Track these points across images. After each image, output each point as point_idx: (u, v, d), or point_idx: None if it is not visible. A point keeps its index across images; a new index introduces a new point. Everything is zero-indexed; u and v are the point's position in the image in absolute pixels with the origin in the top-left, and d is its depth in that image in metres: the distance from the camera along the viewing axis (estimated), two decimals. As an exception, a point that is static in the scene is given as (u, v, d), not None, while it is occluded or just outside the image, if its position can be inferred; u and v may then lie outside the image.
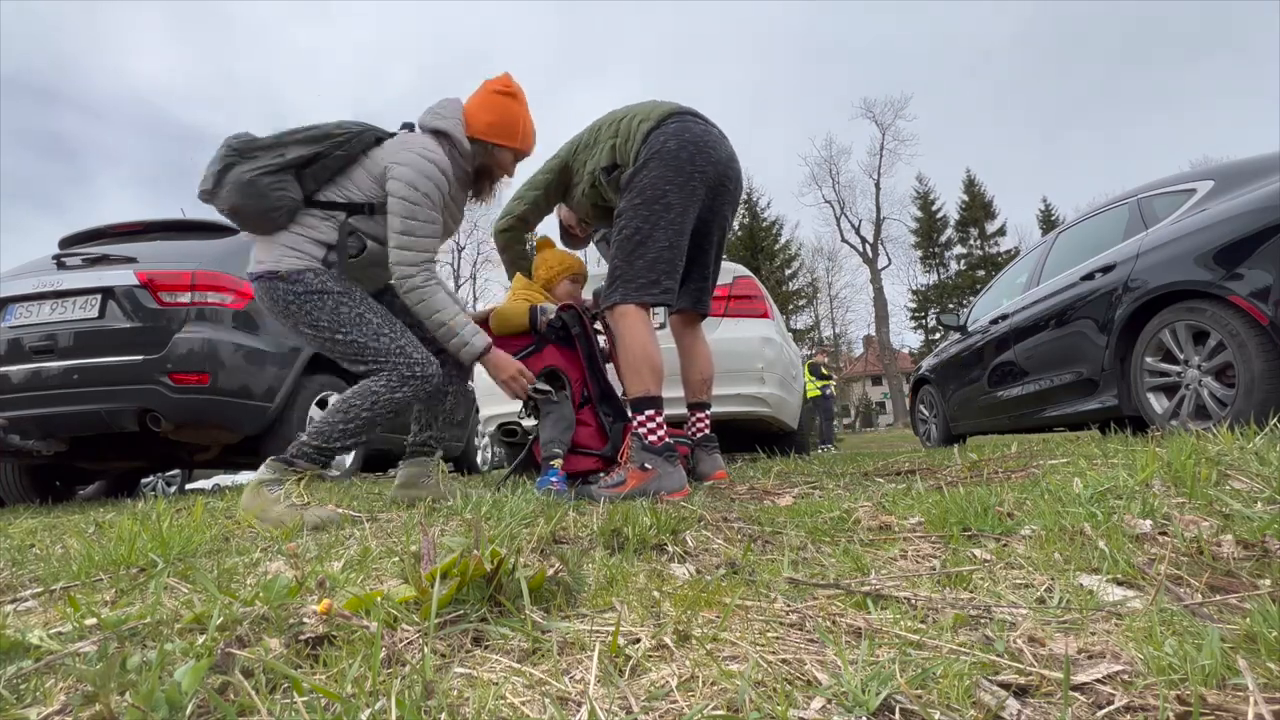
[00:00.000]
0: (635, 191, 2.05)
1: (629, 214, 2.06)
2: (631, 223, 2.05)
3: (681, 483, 1.90)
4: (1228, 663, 0.60)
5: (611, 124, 2.20)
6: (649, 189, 2.03)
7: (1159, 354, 2.92)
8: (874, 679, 0.60)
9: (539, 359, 2.37)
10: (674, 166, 2.03)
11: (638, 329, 2.04)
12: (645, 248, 2.04)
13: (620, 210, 2.10)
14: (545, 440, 2.21)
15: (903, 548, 1.13)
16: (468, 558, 0.81)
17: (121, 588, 1.03)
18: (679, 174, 2.03)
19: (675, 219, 2.04)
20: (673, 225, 2.04)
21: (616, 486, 1.86)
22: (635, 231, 2.04)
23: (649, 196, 2.03)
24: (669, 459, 1.92)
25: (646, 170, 2.04)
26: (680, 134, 2.06)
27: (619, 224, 2.09)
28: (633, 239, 2.04)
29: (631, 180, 2.07)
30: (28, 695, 0.64)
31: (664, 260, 2.04)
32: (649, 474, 1.86)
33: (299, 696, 0.59)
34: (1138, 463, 1.44)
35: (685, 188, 2.04)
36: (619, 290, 2.07)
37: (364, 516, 1.69)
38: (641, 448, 1.94)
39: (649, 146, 2.05)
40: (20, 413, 3.03)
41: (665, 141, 2.04)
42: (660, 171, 2.02)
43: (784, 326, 4.43)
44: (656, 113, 2.12)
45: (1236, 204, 2.62)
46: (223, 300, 3.29)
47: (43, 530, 2.01)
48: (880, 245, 34.92)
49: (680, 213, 2.04)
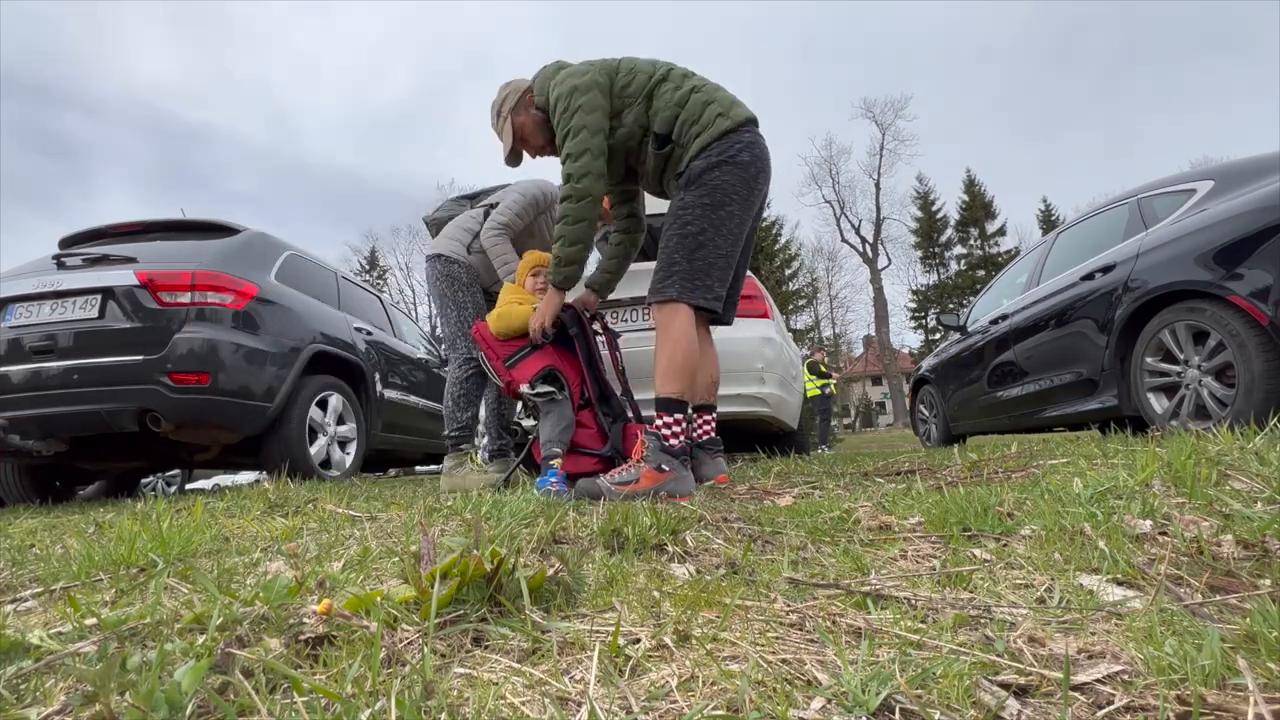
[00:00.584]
0: (704, 190, 2.01)
1: (695, 210, 2.01)
2: (698, 221, 2.01)
3: (691, 488, 1.89)
4: (1228, 663, 0.60)
5: (674, 88, 2.09)
6: (718, 192, 2.00)
7: (1159, 354, 2.92)
8: (874, 679, 0.60)
9: (537, 359, 2.37)
10: (744, 179, 2.02)
11: (688, 331, 2.01)
12: (706, 250, 2.01)
13: (685, 204, 2.04)
14: (545, 440, 2.21)
15: (903, 548, 1.13)
16: (468, 558, 0.81)
17: (121, 588, 1.03)
18: (745, 187, 2.03)
19: (735, 228, 2.04)
20: (733, 234, 2.03)
21: (627, 484, 1.84)
22: (700, 231, 2.00)
23: (717, 200, 2.00)
24: (684, 463, 1.92)
25: (720, 173, 2.00)
26: (753, 147, 2.05)
27: (682, 217, 2.02)
28: (697, 238, 2.01)
29: (701, 177, 2.02)
30: (28, 695, 0.64)
31: (719, 267, 2.03)
32: (664, 476, 1.84)
33: (299, 696, 0.59)
34: (1138, 463, 1.44)
35: (747, 201, 2.05)
36: (676, 285, 2.01)
37: (364, 516, 1.69)
38: (660, 449, 1.90)
39: (723, 147, 2.01)
40: (20, 413, 3.02)
41: (740, 151, 2.01)
42: (732, 180, 2.01)
43: (784, 326, 4.43)
44: (735, 113, 2.06)
45: (1236, 204, 2.62)
46: (223, 300, 3.29)
47: (43, 530, 2.01)
48: (880, 245, 34.94)
49: (739, 223, 2.05)
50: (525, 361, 2.37)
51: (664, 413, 1.96)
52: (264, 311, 3.48)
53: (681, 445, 1.95)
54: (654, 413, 2.00)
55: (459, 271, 2.66)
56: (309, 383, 3.69)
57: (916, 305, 38.63)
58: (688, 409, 2.00)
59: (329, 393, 3.85)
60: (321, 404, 3.80)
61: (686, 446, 2.00)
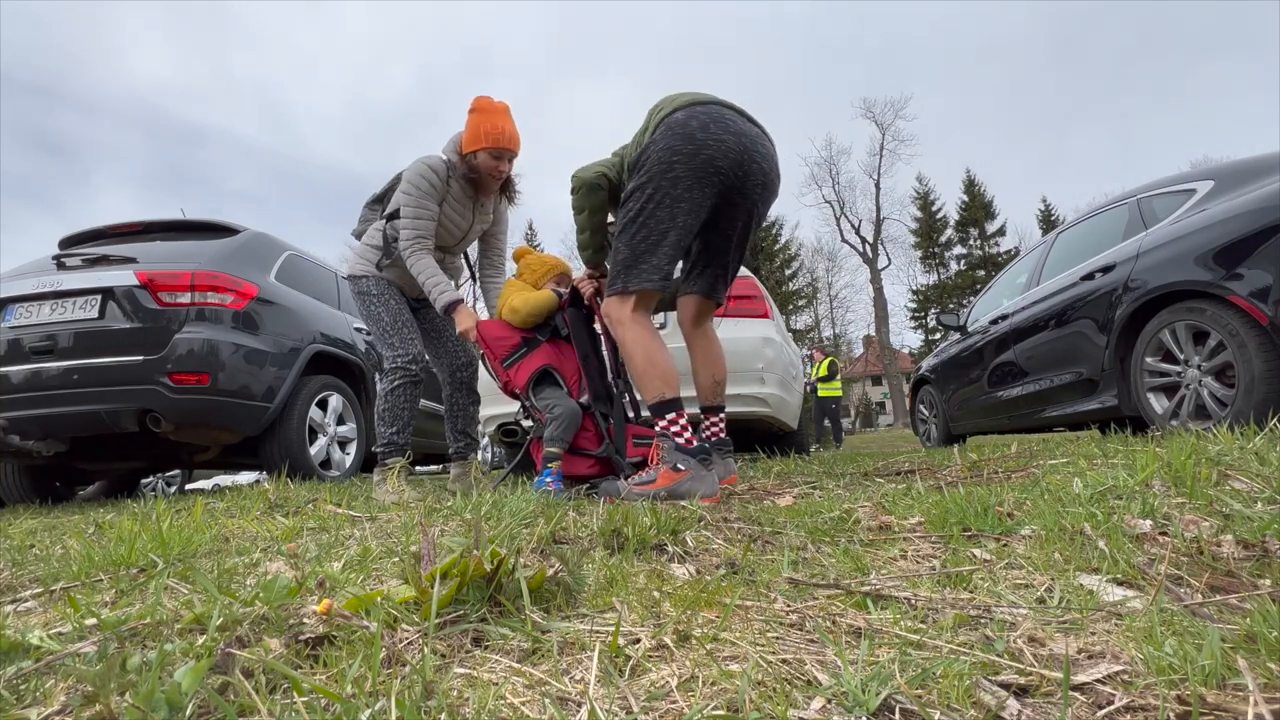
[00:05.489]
0: (642, 170, 1.92)
1: (634, 195, 1.94)
2: (636, 203, 1.92)
3: (714, 488, 1.81)
4: (1228, 663, 0.60)
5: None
6: (655, 164, 1.90)
7: (1159, 354, 2.92)
8: (874, 679, 0.60)
9: (535, 359, 2.37)
10: (683, 135, 1.88)
11: (638, 334, 1.96)
12: (649, 229, 1.91)
13: (627, 192, 1.97)
14: (547, 438, 2.21)
15: (903, 548, 1.13)
16: (468, 558, 0.81)
17: (121, 588, 1.03)
18: (687, 144, 1.87)
19: (680, 196, 1.89)
20: (678, 204, 1.89)
21: (646, 485, 1.82)
22: (639, 211, 1.91)
23: (655, 172, 1.89)
24: (703, 462, 1.85)
25: (654, 143, 1.91)
26: (699, 115, 1.92)
27: (625, 206, 1.98)
28: (636, 219, 1.92)
29: (639, 158, 1.94)
30: (28, 695, 0.64)
31: (667, 244, 1.92)
32: (681, 474, 1.80)
33: (299, 697, 0.59)
34: (1138, 463, 1.44)
35: (693, 160, 1.87)
36: (621, 277, 1.97)
37: (364, 516, 1.69)
38: (675, 449, 1.86)
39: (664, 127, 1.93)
40: (20, 413, 3.03)
41: (675, 113, 1.93)
42: (668, 141, 1.89)
43: (784, 326, 4.43)
44: (680, 99, 1.98)
45: (1236, 204, 2.62)
46: (222, 300, 3.29)
47: (43, 530, 2.01)
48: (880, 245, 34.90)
49: (687, 190, 1.89)
50: (523, 361, 2.37)
51: (660, 417, 1.94)
52: (264, 312, 3.48)
53: (698, 443, 1.90)
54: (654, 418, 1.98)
55: (368, 285, 2.54)
56: (309, 383, 3.69)
57: (916, 305, 38.62)
58: (681, 405, 1.95)
59: (329, 393, 3.85)
60: (321, 404, 3.80)
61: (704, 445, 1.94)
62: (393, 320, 2.51)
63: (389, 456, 2.50)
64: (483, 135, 2.39)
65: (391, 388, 2.49)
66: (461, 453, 2.77)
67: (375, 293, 2.54)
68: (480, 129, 2.39)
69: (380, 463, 2.50)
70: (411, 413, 2.54)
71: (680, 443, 1.88)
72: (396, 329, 2.50)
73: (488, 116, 2.41)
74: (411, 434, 2.58)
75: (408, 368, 2.47)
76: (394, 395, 2.48)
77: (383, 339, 2.51)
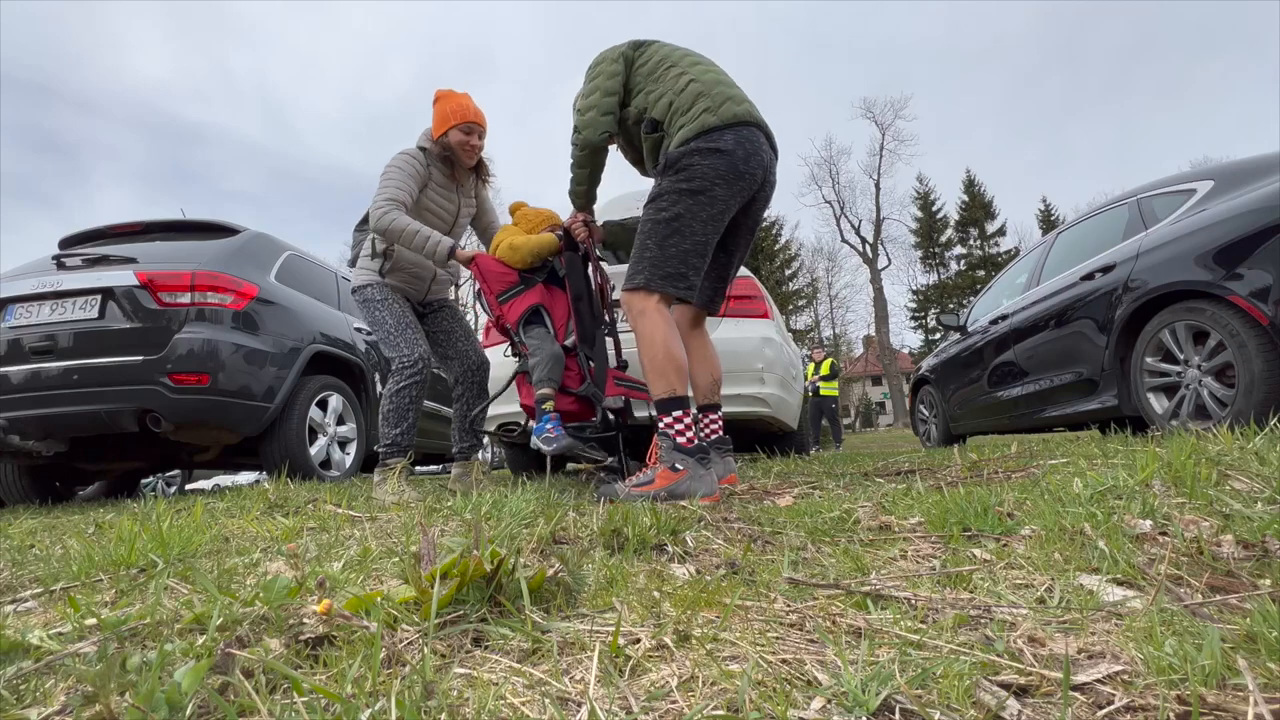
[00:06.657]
0: (682, 176, 1.97)
1: (671, 196, 1.98)
2: (672, 207, 1.97)
3: (713, 487, 1.82)
4: (1228, 663, 0.60)
5: (679, 74, 2.09)
6: (697, 178, 1.96)
7: (1159, 354, 2.92)
8: (874, 679, 0.60)
9: (528, 296, 2.52)
10: (730, 165, 1.97)
11: (660, 327, 1.97)
12: (681, 237, 1.96)
13: (662, 190, 2.01)
14: (537, 380, 2.32)
15: (903, 548, 1.13)
16: (468, 558, 0.81)
17: (121, 588, 1.03)
18: (731, 172, 1.97)
19: (716, 215, 1.99)
20: (712, 221, 1.99)
21: (644, 485, 1.82)
22: (675, 217, 1.97)
23: (696, 186, 1.95)
24: (701, 461, 1.85)
25: (701, 158, 1.96)
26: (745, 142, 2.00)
27: (657, 203, 2.01)
28: (671, 224, 1.97)
29: (679, 162, 1.98)
30: (28, 695, 0.64)
31: (696, 254, 1.98)
32: (679, 474, 1.81)
33: (299, 697, 0.59)
34: (1138, 463, 1.44)
35: (732, 188, 1.99)
36: (645, 273, 1.98)
37: (364, 516, 1.69)
38: (673, 448, 1.87)
39: (709, 138, 1.97)
40: (20, 413, 3.02)
41: (727, 141, 1.98)
42: (715, 165, 1.96)
43: (784, 326, 4.42)
44: (724, 111, 2.01)
45: (1236, 204, 2.62)
46: (222, 300, 3.29)
47: (43, 530, 2.01)
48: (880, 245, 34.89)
49: (722, 210, 2.00)
50: (518, 298, 2.53)
51: (664, 413, 1.93)
52: (264, 312, 3.48)
53: (697, 443, 1.91)
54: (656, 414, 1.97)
55: (372, 292, 2.59)
56: (309, 383, 3.69)
57: (916, 305, 38.60)
58: (688, 403, 1.95)
59: (329, 393, 3.85)
60: (321, 404, 3.79)
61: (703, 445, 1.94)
62: (397, 323, 2.55)
63: (391, 456, 2.51)
64: (450, 114, 2.56)
65: (398, 388, 2.50)
66: (465, 452, 2.79)
67: (379, 298, 2.59)
68: (446, 110, 2.57)
69: (382, 462, 2.51)
70: (416, 414, 2.55)
71: (680, 442, 1.89)
72: (401, 331, 2.54)
73: (451, 99, 2.59)
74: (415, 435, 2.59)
75: (414, 368, 2.50)
76: (400, 396, 2.50)
77: (388, 342, 2.54)
